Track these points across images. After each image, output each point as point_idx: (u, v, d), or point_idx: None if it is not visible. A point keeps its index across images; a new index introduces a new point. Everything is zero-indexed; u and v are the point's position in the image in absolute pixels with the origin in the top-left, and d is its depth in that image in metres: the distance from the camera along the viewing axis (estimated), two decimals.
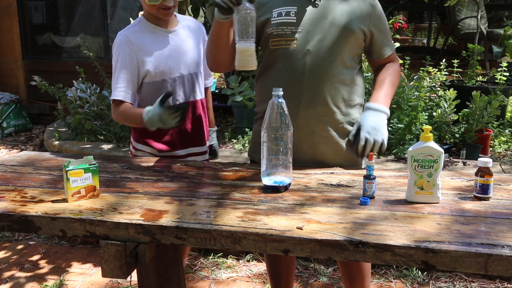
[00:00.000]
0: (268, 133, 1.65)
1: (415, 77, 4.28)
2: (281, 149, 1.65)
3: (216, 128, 2.44)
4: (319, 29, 1.87)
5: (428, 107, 4.19)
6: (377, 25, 1.94)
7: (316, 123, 1.90)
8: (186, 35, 2.19)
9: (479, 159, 1.61)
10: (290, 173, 1.70)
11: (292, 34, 1.87)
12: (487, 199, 1.59)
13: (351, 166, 1.94)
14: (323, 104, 1.89)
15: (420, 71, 4.40)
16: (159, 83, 2.09)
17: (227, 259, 3.04)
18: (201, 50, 2.24)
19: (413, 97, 3.94)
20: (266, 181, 1.69)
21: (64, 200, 1.61)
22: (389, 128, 3.85)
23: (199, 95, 2.22)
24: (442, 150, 1.56)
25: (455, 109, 3.91)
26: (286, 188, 1.69)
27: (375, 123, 1.80)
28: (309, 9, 1.89)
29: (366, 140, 1.77)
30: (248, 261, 3.01)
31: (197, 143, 2.23)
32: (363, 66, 2.20)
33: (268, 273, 2.25)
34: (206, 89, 2.33)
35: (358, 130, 1.80)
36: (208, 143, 2.32)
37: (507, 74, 4.33)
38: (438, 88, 4.42)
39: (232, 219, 1.45)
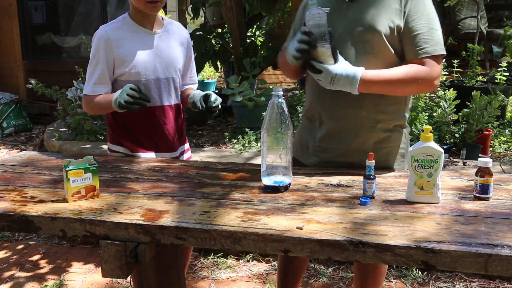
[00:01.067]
0: (268, 133, 1.65)
1: None
2: (281, 149, 1.65)
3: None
4: (347, 29, 1.83)
5: (428, 107, 4.19)
6: (408, 21, 1.79)
7: (345, 124, 1.87)
8: (168, 39, 2.16)
9: (479, 159, 1.61)
10: (290, 173, 1.70)
11: None
12: (487, 199, 1.59)
13: (397, 165, 1.93)
14: (351, 105, 1.85)
15: None
16: (133, 83, 2.05)
17: (227, 259, 3.04)
18: (183, 56, 2.21)
19: (412, 98, 3.94)
20: (266, 181, 1.69)
21: (64, 200, 1.61)
22: None
23: (175, 100, 2.19)
24: (442, 150, 1.56)
25: (455, 109, 3.91)
26: (286, 188, 1.69)
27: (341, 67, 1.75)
28: (343, 9, 1.85)
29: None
30: (248, 261, 3.01)
31: (168, 148, 2.19)
32: None
33: (278, 271, 2.23)
34: (189, 89, 2.29)
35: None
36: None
37: (507, 74, 4.33)
38: (438, 88, 4.42)
39: (232, 219, 1.45)
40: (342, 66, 1.75)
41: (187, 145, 2.33)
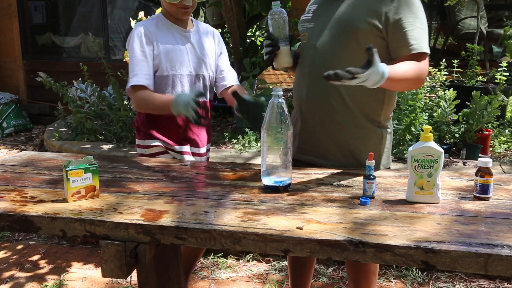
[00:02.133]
0: (268, 133, 1.65)
1: None
2: (281, 149, 1.65)
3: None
4: (326, 25, 1.89)
5: (428, 107, 4.19)
6: (395, 18, 1.79)
7: (318, 117, 1.92)
8: (200, 38, 2.22)
9: (479, 159, 1.61)
10: (290, 173, 1.70)
11: (306, 30, 1.97)
12: (487, 199, 1.59)
13: (352, 165, 1.93)
14: (323, 99, 1.90)
15: None
16: (168, 77, 2.12)
17: (227, 259, 3.04)
18: (214, 55, 2.26)
19: (411, 99, 3.94)
20: (266, 181, 1.69)
21: (64, 200, 1.61)
22: None
23: (205, 96, 2.23)
24: (442, 150, 1.56)
25: (455, 109, 3.91)
26: (286, 188, 1.69)
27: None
28: (327, 6, 1.92)
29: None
30: (248, 261, 3.01)
31: (197, 143, 2.23)
32: None
33: (289, 269, 2.27)
34: (229, 87, 2.27)
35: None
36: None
37: (507, 74, 4.33)
38: (438, 88, 4.42)
39: (232, 219, 1.45)
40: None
41: (209, 146, 2.36)
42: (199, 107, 1.90)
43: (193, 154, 2.23)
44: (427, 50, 1.81)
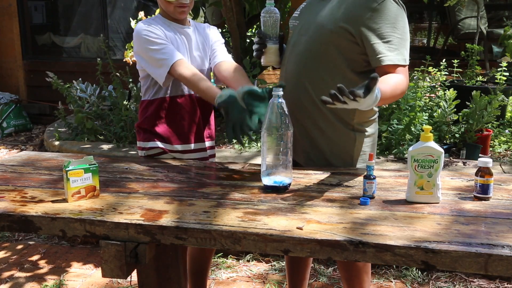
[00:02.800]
0: (268, 133, 1.65)
1: (414, 77, 4.29)
2: (281, 149, 1.65)
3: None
4: (306, 24, 1.92)
5: (428, 107, 4.19)
6: (373, 28, 1.76)
7: (293, 114, 1.85)
8: (200, 33, 2.23)
9: (479, 159, 1.61)
10: (290, 173, 1.70)
11: (292, 28, 2.00)
12: (487, 199, 1.59)
13: (323, 165, 1.94)
14: (296, 97, 1.92)
15: (415, 71, 4.40)
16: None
17: (227, 259, 3.04)
18: (212, 48, 2.25)
19: (411, 98, 3.94)
20: (266, 181, 1.69)
21: (64, 200, 1.61)
22: (389, 129, 3.85)
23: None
24: (442, 150, 1.56)
25: (455, 109, 3.91)
26: (286, 188, 1.69)
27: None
28: (312, 6, 1.95)
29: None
30: (248, 261, 3.01)
31: (198, 138, 2.19)
32: None
33: (287, 269, 2.29)
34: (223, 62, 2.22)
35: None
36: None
37: (507, 74, 4.33)
38: (438, 88, 4.42)
39: (232, 219, 1.45)
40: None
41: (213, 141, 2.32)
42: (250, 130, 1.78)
43: (197, 151, 2.19)
44: (405, 62, 1.78)
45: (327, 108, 1.85)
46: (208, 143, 2.24)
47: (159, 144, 2.13)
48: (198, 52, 2.18)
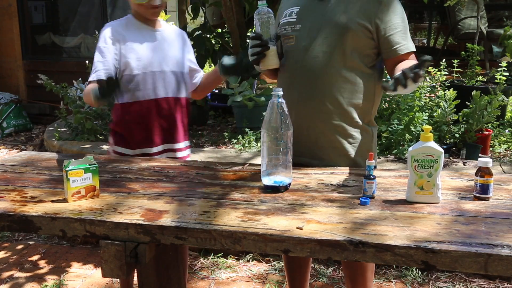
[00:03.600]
0: (268, 133, 1.65)
1: None
2: (281, 149, 1.65)
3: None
4: (316, 26, 1.91)
5: (428, 107, 4.19)
6: (385, 20, 1.86)
7: (312, 119, 1.93)
8: (170, 37, 2.25)
9: (479, 159, 1.61)
10: (290, 173, 1.70)
11: (292, 32, 1.96)
12: (487, 199, 1.59)
13: (348, 165, 1.94)
14: (317, 100, 1.91)
15: None
16: (139, 76, 2.13)
17: (227, 259, 3.04)
18: (184, 53, 2.29)
19: (411, 98, 3.94)
20: (266, 181, 1.69)
21: (64, 200, 1.61)
22: (389, 129, 3.85)
23: (182, 93, 2.25)
24: (442, 150, 1.56)
25: (455, 109, 3.91)
26: (286, 188, 1.69)
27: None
28: (312, 7, 1.93)
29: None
30: (248, 261, 3.01)
31: (173, 139, 2.24)
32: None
33: (286, 271, 2.27)
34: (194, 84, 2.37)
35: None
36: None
37: (507, 74, 4.33)
38: (438, 88, 4.42)
39: (232, 219, 1.45)
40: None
41: (188, 142, 2.36)
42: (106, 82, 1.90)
43: (170, 151, 2.24)
44: (414, 48, 1.91)
45: (352, 108, 1.91)
46: (178, 145, 2.27)
47: (121, 149, 2.20)
48: (166, 56, 2.19)
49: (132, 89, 2.13)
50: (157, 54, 2.16)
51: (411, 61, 1.85)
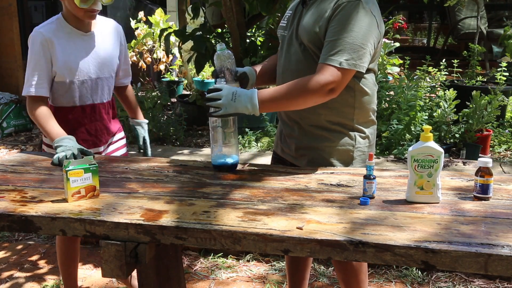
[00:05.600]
0: (213, 118, 1.82)
1: (415, 77, 4.29)
2: (226, 132, 1.84)
3: (146, 120, 2.49)
4: (293, 33, 1.92)
5: (428, 107, 4.19)
6: (328, 26, 1.77)
7: (293, 122, 1.96)
8: (102, 38, 2.23)
9: (479, 159, 1.61)
10: (236, 153, 1.87)
11: (281, 37, 2.01)
12: (487, 199, 1.59)
13: (343, 164, 1.94)
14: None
15: (417, 71, 4.41)
16: (67, 84, 2.15)
17: (227, 259, 3.03)
18: (117, 51, 2.29)
19: (412, 97, 3.94)
20: (216, 161, 1.86)
21: (64, 200, 1.61)
22: (389, 129, 3.85)
23: (106, 97, 2.29)
24: (442, 150, 1.56)
25: (455, 109, 3.91)
26: (233, 167, 1.84)
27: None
28: (297, 13, 1.94)
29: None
30: (248, 261, 3.01)
31: (98, 143, 2.30)
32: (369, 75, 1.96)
33: (287, 270, 2.29)
34: (124, 87, 2.44)
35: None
36: (140, 136, 2.44)
37: (507, 74, 4.33)
38: (438, 88, 4.42)
39: (232, 219, 1.45)
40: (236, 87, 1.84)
41: (121, 134, 2.44)
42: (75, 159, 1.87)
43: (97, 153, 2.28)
44: (334, 63, 1.72)
45: (328, 113, 1.88)
46: (102, 148, 2.32)
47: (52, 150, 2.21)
48: (97, 62, 2.19)
49: (61, 97, 2.17)
50: (84, 62, 2.15)
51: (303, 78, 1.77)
